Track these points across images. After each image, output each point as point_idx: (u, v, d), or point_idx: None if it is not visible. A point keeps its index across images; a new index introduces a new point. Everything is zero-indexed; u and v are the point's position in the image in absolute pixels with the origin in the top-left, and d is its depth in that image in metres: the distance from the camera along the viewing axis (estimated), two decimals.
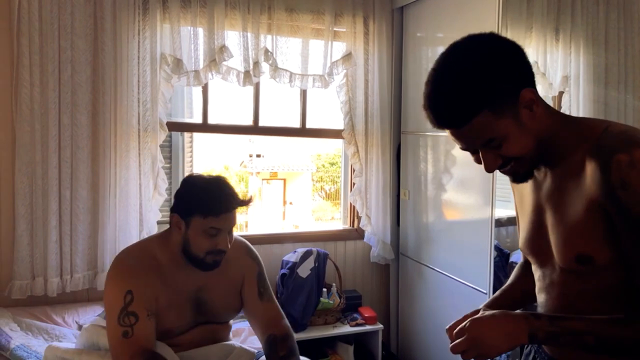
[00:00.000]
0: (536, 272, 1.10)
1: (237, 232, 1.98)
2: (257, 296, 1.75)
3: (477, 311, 1.11)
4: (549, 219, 1.01)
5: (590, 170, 0.90)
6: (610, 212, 0.88)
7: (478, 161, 1.02)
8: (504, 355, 1.19)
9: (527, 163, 1.00)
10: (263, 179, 13.08)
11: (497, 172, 2.50)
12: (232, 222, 1.59)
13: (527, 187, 1.10)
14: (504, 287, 1.27)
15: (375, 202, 3.04)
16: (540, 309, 1.09)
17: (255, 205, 12.39)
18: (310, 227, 9.60)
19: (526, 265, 1.25)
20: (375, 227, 3.05)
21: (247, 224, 11.47)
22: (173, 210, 1.61)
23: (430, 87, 0.97)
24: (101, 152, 2.50)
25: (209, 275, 1.64)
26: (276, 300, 1.81)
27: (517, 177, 1.03)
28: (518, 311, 0.96)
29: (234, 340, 1.86)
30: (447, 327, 1.06)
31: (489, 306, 1.18)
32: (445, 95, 0.95)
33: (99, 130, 2.50)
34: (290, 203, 13.17)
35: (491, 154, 0.98)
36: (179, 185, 1.64)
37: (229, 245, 1.61)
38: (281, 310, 1.80)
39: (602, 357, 0.95)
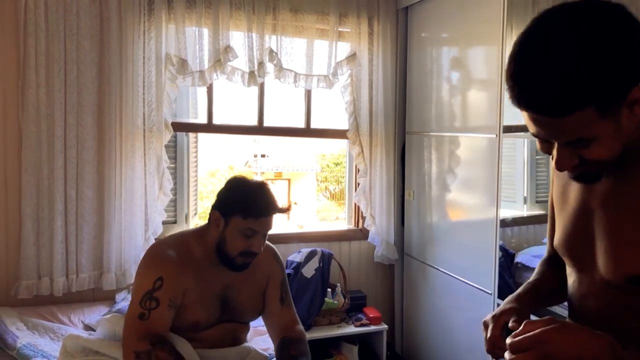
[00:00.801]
0: (571, 276, 1.01)
1: None
2: (279, 301, 1.79)
3: (512, 310, 0.98)
4: (600, 226, 0.90)
5: None
6: None
7: (544, 150, 0.87)
8: None
9: (605, 166, 0.85)
10: (268, 179, 13.09)
11: (501, 173, 2.46)
12: (268, 227, 1.64)
13: (574, 185, 0.97)
14: (529, 282, 1.13)
15: (380, 202, 3.04)
16: (570, 314, 1.02)
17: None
18: (314, 227, 9.59)
19: (551, 262, 1.13)
20: (379, 227, 3.05)
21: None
22: (214, 207, 1.66)
23: (526, 57, 0.77)
24: (107, 152, 2.51)
25: (237, 275, 1.69)
26: (294, 307, 1.85)
27: (583, 178, 0.89)
28: (600, 333, 0.79)
29: (253, 346, 1.88)
30: (488, 336, 0.91)
31: (514, 302, 1.04)
32: (548, 76, 0.75)
33: (104, 130, 2.51)
34: (295, 203, 13.18)
35: (570, 152, 0.83)
36: (223, 185, 1.70)
37: (262, 249, 1.65)
38: (297, 317, 1.84)
39: None
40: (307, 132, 3.05)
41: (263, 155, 12.90)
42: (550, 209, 1.11)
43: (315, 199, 13.52)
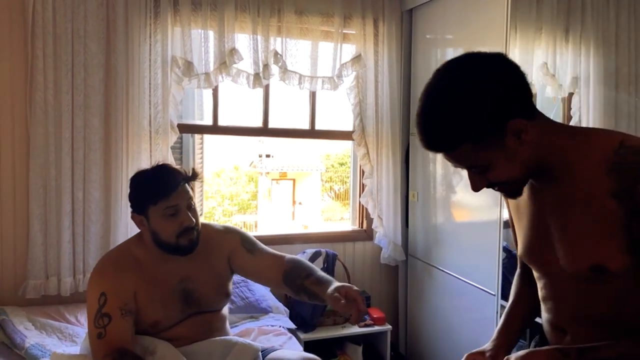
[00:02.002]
0: (540, 281, 1.10)
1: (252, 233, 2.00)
2: (248, 254, 1.76)
3: (482, 352, 1.16)
4: (556, 231, 1.00)
5: (610, 184, 0.89)
6: (634, 227, 0.88)
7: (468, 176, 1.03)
8: None
9: (516, 185, 1.00)
10: (272, 179, 13.12)
11: None
12: (185, 198, 1.62)
13: (523, 195, 1.08)
14: (505, 312, 1.26)
15: (387, 204, 3.05)
16: (546, 315, 1.09)
17: (265, 205, 12.45)
18: (319, 227, 9.60)
19: (524, 275, 1.24)
20: (387, 228, 3.06)
21: (256, 224, 11.53)
22: (131, 212, 1.68)
23: (420, 107, 0.96)
24: (113, 153, 2.54)
25: (192, 265, 1.69)
26: (271, 249, 1.82)
27: (507, 195, 1.04)
28: (545, 347, 0.96)
29: (237, 336, 1.88)
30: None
31: (496, 340, 1.20)
32: (430, 121, 0.94)
33: (111, 132, 2.54)
34: (300, 203, 13.20)
35: (477, 176, 0.98)
36: (129, 188, 1.71)
37: (194, 220, 1.63)
38: (280, 253, 1.80)
39: None
40: (312, 133, 3.07)
41: (268, 156, 12.92)
42: (510, 222, 1.22)
43: (320, 199, 13.53)
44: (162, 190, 1.60)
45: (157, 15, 2.58)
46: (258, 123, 2.97)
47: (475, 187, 1.00)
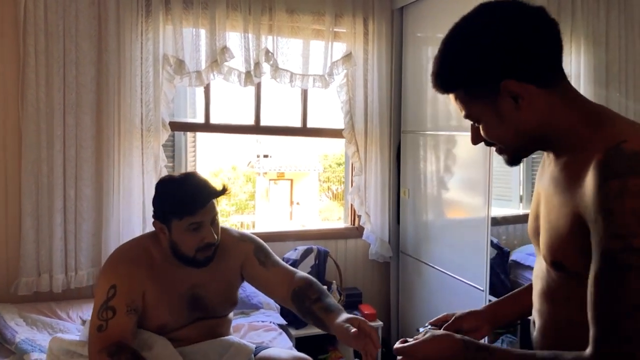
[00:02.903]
0: (536, 260, 1.06)
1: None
2: (259, 266, 1.71)
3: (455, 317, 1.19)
4: (541, 211, 0.97)
5: (590, 180, 0.82)
6: (591, 231, 0.82)
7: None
8: None
9: (510, 151, 0.96)
10: (270, 179, 13.13)
11: (495, 171, 2.50)
12: (211, 215, 1.58)
13: (539, 173, 1.04)
14: (512, 292, 1.24)
15: (374, 201, 3.07)
16: (534, 298, 1.07)
17: (262, 205, 12.46)
18: (311, 225, 9.60)
19: None
20: (374, 225, 3.08)
21: (254, 224, 11.54)
22: (153, 217, 1.63)
23: (440, 47, 0.96)
24: (105, 151, 2.55)
25: (204, 272, 1.65)
26: (284, 263, 1.78)
27: (505, 160, 0.99)
28: (453, 334, 0.96)
29: (233, 336, 1.89)
30: (395, 346, 1.02)
31: (484, 311, 1.20)
32: (436, 61, 0.95)
33: (102, 129, 2.55)
34: (298, 203, 13.20)
35: (475, 129, 0.97)
36: (154, 194, 1.64)
37: (216, 237, 1.60)
38: (292, 268, 1.76)
39: None
40: (304, 131, 3.09)
41: (266, 156, 12.93)
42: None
43: (318, 199, 13.54)
44: (189, 206, 1.53)
45: (149, 14, 2.60)
46: (250, 121, 2.99)
47: (472, 140, 0.99)
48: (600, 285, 0.79)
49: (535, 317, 1.03)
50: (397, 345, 0.99)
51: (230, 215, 11.69)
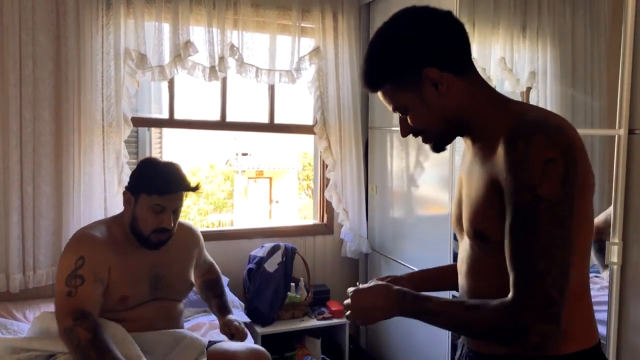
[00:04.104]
0: (459, 248, 1.12)
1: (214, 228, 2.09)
2: (203, 255, 2.05)
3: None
4: (463, 193, 1.04)
5: (499, 151, 0.90)
6: (504, 194, 0.89)
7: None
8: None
9: (434, 137, 1.05)
10: (249, 178, 13.06)
11: (455, 167, 2.49)
12: (176, 203, 1.72)
13: (461, 163, 1.11)
14: (436, 267, 1.33)
15: (352, 197, 3.05)
16: (460, 281, 1.11)
17: (241, 203, 12.39)
18: (279, 222, 9.57)
19: None
20: (352, 221, 3.06)
21: (232, 222, 11.46)
22: (126, 187, 1.76)
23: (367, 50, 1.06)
24: (64, 147, 2.50)
25: (164, 253, 1.77)
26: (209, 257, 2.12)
27: (432, 148, 1.08)
28: (389, 285, 1.03)
29: (186, 330, 1.89)
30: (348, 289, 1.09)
31: (404, 277, 1.26)
32: (364, 63, 1.04)
33: (62, 125, 2.49)
34: (277, 202, 13.16)
35: (403, 120, 1.05)
36: (135, 168, 1.78)
37: (173, 225, 1.73)
38: (211, 260, 2.13)
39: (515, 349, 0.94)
40: (271, 127, 3.06)
41: (244, 154, 12.85)
42: None
43: (297, 197, 13.52)
44: (161, 187, 1.68)
45: (110, 7, 2.54)
46: (217, 117, 2.95)
47: (402, 132, 1.07)
48: (515, 234, 0.87)
49: (462, 297, 1.08)
50: (350, 288, 1.08)
51: (208, 214, 11.59)
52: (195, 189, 1.76)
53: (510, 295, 0.87)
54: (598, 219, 1.75)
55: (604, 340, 1.67)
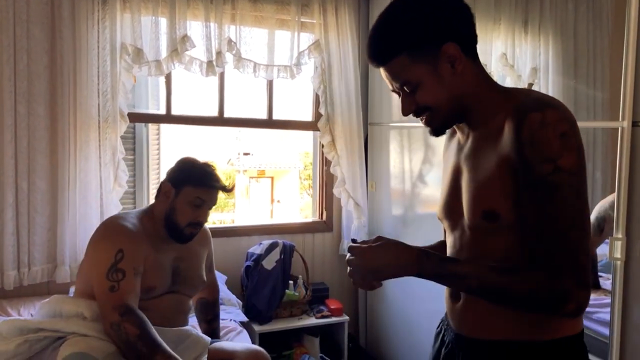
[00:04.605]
0: (449, 239, 1.11)
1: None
2: (209, 269, 2.04)
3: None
4: (464, 179, 1.02)
5: (507, 129, 0.91)
6: (518, 169, 0.89)
7: (403, 108, 1.04)
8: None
9: (440, 116, 1.01)
10: (251, 177, 13.03)
11: None
12: (214, 201, 1.81)
13: (452, 154, 1.11)
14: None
15: (362, 193, 3.01)
16: None
17: (242, 203, 12.37)
18: (278, 219, 9.54)
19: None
20: (365, 217, 3.03)
21: (233, 222, 11.45)
22: (166, 180, 1.80)
23: (372, 27, 1.02)
24: (60, 142, 2.46)
25: (186, 248, 1.83)
26: (215, 274, 2.12)
27: (431, 130, 1.05)
28: (417, 247, 0.99)
29: (191, 327, 1.88)
30: (349, 245, 1.04)
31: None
32: (374, 33, 1.00)
33: (57, 120, 2.46)
34: (278, 201, 13.13)
35: (408, 98, 1.01)
36: (174, 165, 1.85)
37: (206, 221, 1.83)
38: (216, 282, 2.13)
39: (506, 326, 0.97)
40: (269, 123, 3.02)
41: (246, 153, 12.83)
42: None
43: (299, 196, 13.49)
44: (208, 181, 1.77)
45: (106, 1, 2.51)
46: (214, 113, 2.92)
47: (404, 110, 1.02)
48: (541, 206, 0.87)
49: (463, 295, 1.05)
50: (351, 244, 1.01)
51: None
52: (229, 190, 1.85)
53: (542, 264, 0.87)
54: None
55: (607, 340, 1.63)
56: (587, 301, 0.86)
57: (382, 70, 1.02)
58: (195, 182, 1.75)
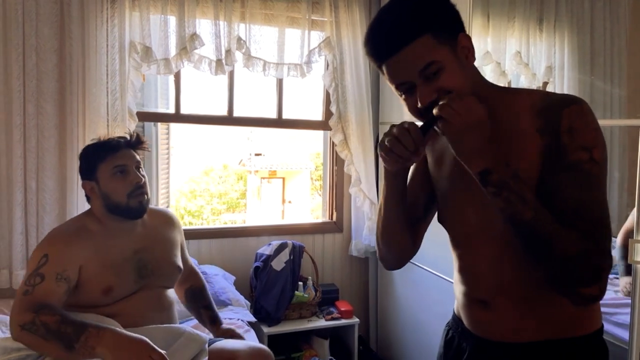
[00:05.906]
0: (458, 246, 1.16)
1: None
2: (184, 256, 1.97)
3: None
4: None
5: (538, 123, 0.93)
6: (552, 155, 0.91)
7: (410, 104, 0.99)
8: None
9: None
10: (262, 178, 13.03)
11: None
12: (133, 160, 1.72)
13: (448, 154, 1.08)
14: None
15: (374, 193, 2.97)
16: (463, 288, 1.13)
17: (254, 203, 12.37)
18: (288, 220, 9.51)
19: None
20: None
21: (244, 222, 11.45)
22: (82, 181, 1.74)
23: (375, 17, 0.99)
24: (68, 141, 2.45)
25: (146, 236, 1.76)
26: (189, 258, 2.06)
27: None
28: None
29: (185, 325, 1.83)
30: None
31: None
32: (390, 18, 0.96)
33: (66, 119, 2.45)
34: (289, 202, 13.11)
35: (428, 87, 0.94)
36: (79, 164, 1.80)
37: (142, 179, 1.72)
38: (192, 264, 2.07)
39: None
40: (279, 122, 2.99)
41: (258, 154, 12.84)
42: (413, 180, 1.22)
43: (310, 197, 13.46)
44: (110, 148, 1.70)
45: (115, 0, 2.50)
46: (224, 112, 2.90)
47: (424, 99, 0.95)
48: (578, 187, 0.89)
49: (492, 302, 1.04)
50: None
51: (221, 214, 11.59)
52: (137, 142, 1.76)
53: (586, 239, 0.87)
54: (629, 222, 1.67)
55: (626, 346, 1.58)
56: (604, 291, 0.89)
57: (388, 66, 0.96)
58: (100, 158, 1.68)
